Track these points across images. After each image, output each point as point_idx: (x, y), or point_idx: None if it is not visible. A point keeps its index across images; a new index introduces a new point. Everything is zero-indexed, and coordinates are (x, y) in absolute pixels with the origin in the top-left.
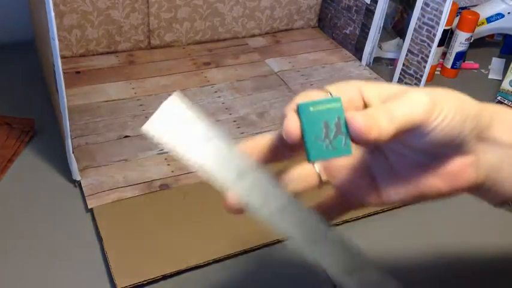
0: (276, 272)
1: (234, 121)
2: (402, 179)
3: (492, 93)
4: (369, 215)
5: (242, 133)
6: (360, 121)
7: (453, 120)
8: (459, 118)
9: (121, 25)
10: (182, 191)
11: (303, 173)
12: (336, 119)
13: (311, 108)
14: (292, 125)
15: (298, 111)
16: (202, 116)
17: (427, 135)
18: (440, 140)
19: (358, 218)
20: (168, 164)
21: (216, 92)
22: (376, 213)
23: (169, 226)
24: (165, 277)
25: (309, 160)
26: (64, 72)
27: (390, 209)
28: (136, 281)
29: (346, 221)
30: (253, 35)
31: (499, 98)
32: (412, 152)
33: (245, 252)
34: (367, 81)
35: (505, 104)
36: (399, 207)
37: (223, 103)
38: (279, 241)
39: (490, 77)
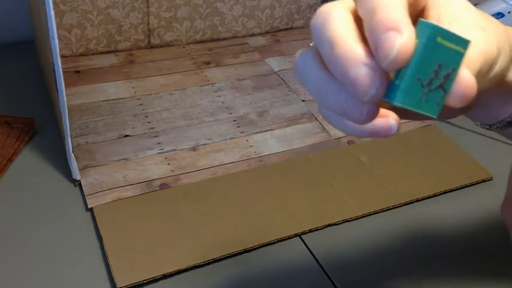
0: (276, 272)
1: (234, 120)
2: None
3: None
4: (369, 214)
5: (242, 132)
6: (471, 85)
7: (508, 63)
8: (509, 59)
9: (121, 24)
10: (182, 190)
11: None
12: (450, 67)
13: (439, 39)
14: (408, 47)
15: (418, 32)
16: None
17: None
18: (487, 85)
19: (357, 218)
20: (168, 164)
21: (216, 91)
22: (375, 213)
23: (170, 225)
24: (165, 276)
25: (391, 100)
26: (64, 72)
27: (389, 209)
28: (136, 280)
29: (346, 220)
30: (253, 34)
31: None
32: None
33: (245, 251)
34: None
35: None
36: (398, 206)
37: (223, 102)
38: (279, 241)
39: None
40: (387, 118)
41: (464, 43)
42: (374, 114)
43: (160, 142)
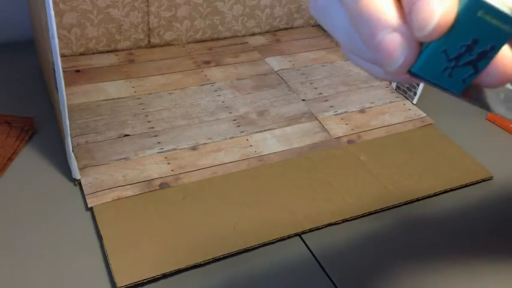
0: (276, 271)
1: (234, 120)
2: None
3: None
4: (369, 214)
5: (242, 132)
6: (509, 69)
7: None
8: None
9: (121, 24)
10: (182, 190)
11: None
12: (489, 45)
13: (479, 13)
14: (449, 18)
15: (462, 2)
16: None
17: None
18: None
19: (357, 217)
20: (168, 163)
21: (216, 90)
22: (375, 212)
23: (170, 224)
24: (165, 276)
25: (409, 71)
26: (64, 71)
27: (389, 208)
28: (136, 279)
29: (346, 220)
30: (253, 34)
31: None
32: None
33: (245, 251)
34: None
35: None
36: (399, 205)
37: (223, 102)
38: (278, 240)
39: None
40: None
41: None
42: (409, 66)
43: (160, 141)
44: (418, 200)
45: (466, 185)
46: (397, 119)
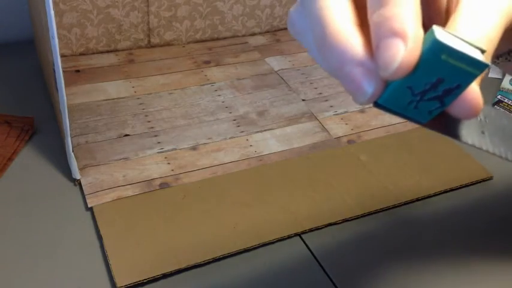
0: (276, 271)
1: (234, 120)
2: None
3: (492, 92)
4: (369, 214)
5: (242, 132)
6: (476, 105)
7: None
8: None
9: (121, 24)
10: (182, 190)
11: None
12: (454, 84)
13: (443, 56)
14: (411, 60)
15: (425, 40)
16: None
17: None
18: None
19: (357, 217)
20: (168, 163)
21: (216, 90)
22: (376, 212)
23: (170, 224)
24: (165, 276)
25: (375, 102)
26: (64, 71)
27: (389, 208)
28: (136, 279)
29: (346, 220)
30: (253, 34)
31: (499, 97)
32: None
33: (245, 251)
34: None
35: (505, 103)
36: (399, 205)
37: (223, 102)
38: (278, 240)
39: (490, 75)
40: None
41: (479, 66)
42: (376, 98)
43: (160, 141)
44: (418, 200)
45: (466, 185)
46: (398, 119)
